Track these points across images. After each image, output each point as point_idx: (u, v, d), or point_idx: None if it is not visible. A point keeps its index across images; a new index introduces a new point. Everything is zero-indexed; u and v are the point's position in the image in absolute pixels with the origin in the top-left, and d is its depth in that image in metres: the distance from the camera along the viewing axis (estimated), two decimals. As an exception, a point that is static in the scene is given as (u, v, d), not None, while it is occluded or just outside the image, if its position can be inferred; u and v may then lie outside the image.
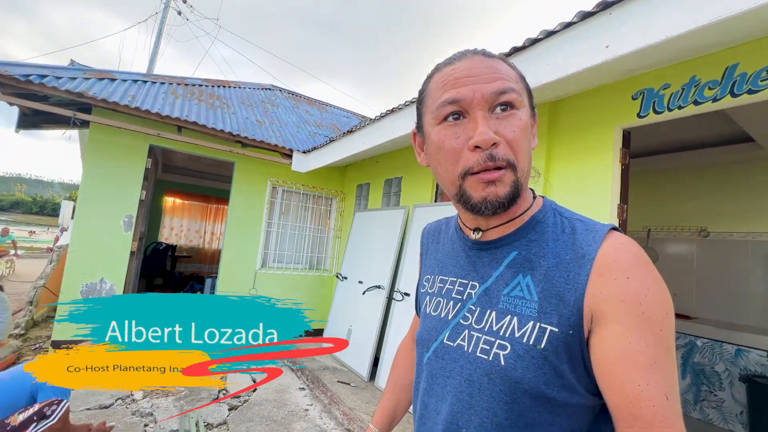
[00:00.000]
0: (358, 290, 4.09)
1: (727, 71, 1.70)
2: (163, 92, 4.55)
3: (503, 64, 0.56)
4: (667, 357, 0.46)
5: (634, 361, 0.46)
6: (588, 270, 0.50)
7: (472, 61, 0.55)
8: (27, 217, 50.99)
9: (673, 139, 3.52)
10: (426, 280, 0.73)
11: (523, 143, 0.53)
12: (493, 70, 0.54)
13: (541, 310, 0.51)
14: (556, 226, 0.56)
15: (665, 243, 4.09)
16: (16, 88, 3.23)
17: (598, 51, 1.58)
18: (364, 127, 3.57)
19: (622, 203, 2.14)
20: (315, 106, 7.50)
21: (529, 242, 0.57)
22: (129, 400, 2.82)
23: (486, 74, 0.53)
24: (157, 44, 9.48)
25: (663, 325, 0.47)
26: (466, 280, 0.62)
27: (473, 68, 0.54)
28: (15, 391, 1.76)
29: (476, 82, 0.52)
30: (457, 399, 0.57)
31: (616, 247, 0.50)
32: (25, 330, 4.22)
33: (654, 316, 0.47)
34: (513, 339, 0.52)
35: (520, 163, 0.53)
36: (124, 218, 3.87)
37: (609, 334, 0.47)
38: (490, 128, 0.51)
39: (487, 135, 0.50)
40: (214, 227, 8.73)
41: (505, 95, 0.52)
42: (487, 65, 0.54)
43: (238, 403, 2.96)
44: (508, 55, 2.00)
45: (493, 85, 0.52)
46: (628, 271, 0.48)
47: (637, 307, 0.47)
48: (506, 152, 0.52)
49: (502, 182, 0.52)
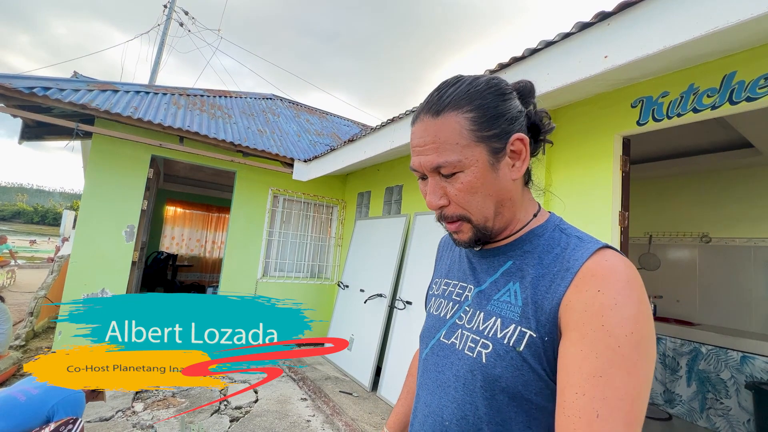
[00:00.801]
0: (359, 299, 4.07)
1: (726, 79, 1.71)
2: (165, 103, 4.59)
3: (449, 122, 0.56)
4: (618, 374, 0.44)
5: (579, 369, 0.46)
6: (568, 282, 0.52)
7: (420, 127, 0.59)
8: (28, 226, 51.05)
9: (673, 146, 3.54)
10: (435, 283, 0.78)
11: (469, 199, 0.58)
12: (433, 140, 0.57)
13: (522, 315, 0.54)
14: (552, 240, 0.59)
15: (667, 249, 4.08)
16: (20, 100, 3.27)
17: (596, 61, 1.59)
18: (364, 136, 3.60)
19: (623, 210, 2.14)
20: (316, 115, 7.55)
21: (524, 253, 0.60)
22: (129, 412, 2.80)
23: (428, 145, 0.57)
24: (159, 55, 9.59)
25: (623, 342, 0.45)
26: (465, 283, 0.67)
27: (420, 138, 0.59)
28: (33, 411, 1.78)
29: (422, 153, 0.58)
30: (444, 393, 0.61)
31: (599, 262, 0.52)
32: (26, 341, 4.20)
33: (615, 331, 0.46)
34: (495, 339, 0.56)
35: (473, 215, 0.59)
36: (125, 228, 3.87)
37: (567, 341, 0.49)
38: (437, 193, 0.59)
39: (431, 203, 0.60)
40: (216, 236, 8.73)
41: (442, 168, 0.57)
42: (430, 134, 0.57)
43: (240, 415, 2.93)
44: (506, 65, 2.02)
45: (430, 158, 0.57)
46: (601, 284, 0.49)
47: (598, 319, 0.47)
48: (455, 210, 0.59)
49: (461, 231, 0.61)
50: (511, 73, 2.01)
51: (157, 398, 3.08)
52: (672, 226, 4.06)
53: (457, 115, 0.56)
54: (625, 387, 0.44)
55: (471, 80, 0.59)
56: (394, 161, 4.25)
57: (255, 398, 3.27)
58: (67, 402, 1.86)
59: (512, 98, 0.60)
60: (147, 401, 3.01)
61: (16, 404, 1.77)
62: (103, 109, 3.50)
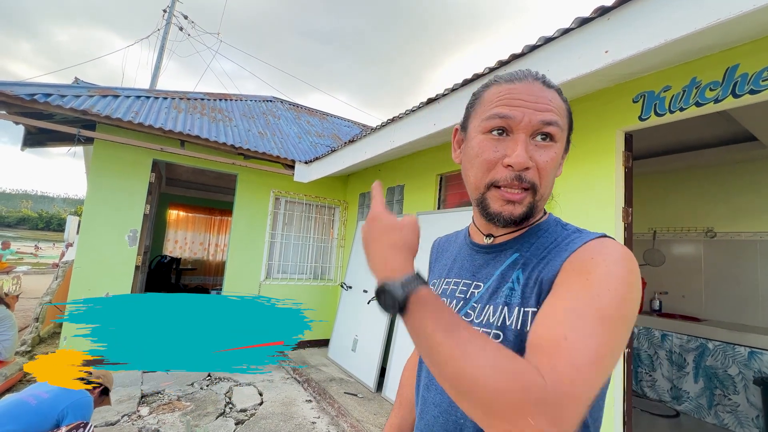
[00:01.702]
0: (363, 299, 4.07)
1: (728, 72, 1.69)
2: (166, 107, 4.61)
3: (558, 97, 0.60)
4: (592, 318, 0.44)
5: (554, 306, 0.48)
6: (564, 257, 0.54)
7: (531, 87, 0.59)
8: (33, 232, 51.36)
9: (676, 141, 3.51)
10: (433, 284, 0.76)
11: (550, 172, 0.59)
12: (547, 101, 0.58)
13: (523, 296, 0.56)
14: (555, 233, 0.61)
15: (672, 244, 4.05)
16: (22, 108, 3.28)
17: (597, 56, 1.58)
18: (365, 136, 3.59)
19: (626, 206, 2.13)
20: (316, 117, 7.56)
21: (530, 245, 0.62)
22: (135, 417, 2.80)
23: (541, 102, 0.57)
24: (159, 60, 9.62)
25: (604, 295, 0.46)
26: (470, 281, 0.66)
27: (531, 93, 0.58)
28: (43, 415, 1.80)
29: (529, 107, 0.57)
30: None
31: (597, 242, 0.54)
32: (32, 347, 4.22)
33: (598, 284, 0.47)
34: (504, 327, 0.56)
35: (541, 189, 0.58)
36: (128, 233, 3.89)
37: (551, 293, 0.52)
38: (528, 153, 0.56)
39: (522, 158, 0.55)
40: (218, 239, 8.76)
41: (550, 127, 0.57)
42: (544, 94, 0.58)
43: (245, 417, 2.93)
44: (506, 62, 2.01)
45: (544, 115, 0.56)
46: (594, 254, 0.51)
47: (584, 274, 0.49)
48: (533, 176, 0.57)
49: (521, 204, 0.58)
50: (510, 70, 2.00)
51: (162, 402, 3.09)
52: (676, 221, 4.03)
53: (560, 98, 0.61)
54: (596, 330, 0.44)
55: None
56: (396, 161, 4.24)
57: (260, 400, 3.27)
58: (77, 406, 1.88)
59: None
60: (152, 405, 3.02)
61: (27, 408, 1.79)
62: (104, 115, 3.51)
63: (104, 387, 2.13)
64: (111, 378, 2.21)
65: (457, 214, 3.14)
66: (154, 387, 3.36)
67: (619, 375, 2.02)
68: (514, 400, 0.38)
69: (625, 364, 2.04)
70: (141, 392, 3.22)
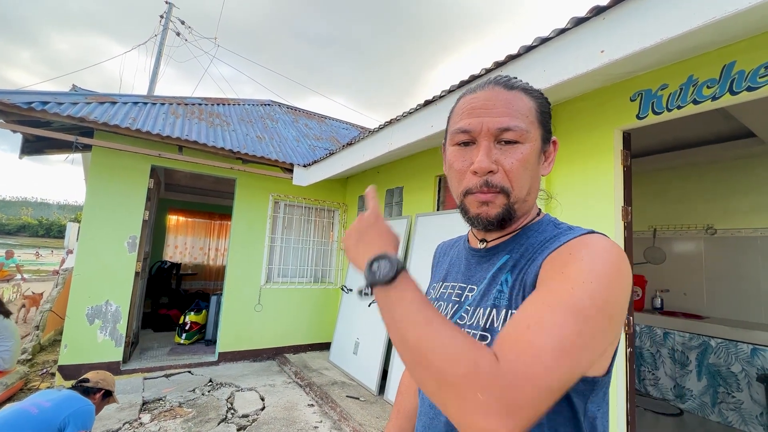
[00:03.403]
0: (363, 302, 4.05)
1: (725, 69, 1.69)
2: (164, 113, 4.61)
3: (521, 97, 0.61)
4: (563, 309, 0.43)
5: (525, 303, 0.49)
6: (546, 255, 0.54)
7: (489, 93, 0.61)
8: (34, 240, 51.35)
9: (674, 138, 3.51)
10: (432, 288, 0.78)
11: (521, 173, 0.59)
12: (505, 105, 0.59)
13: (511, 298, 0.57)
14: (545, 233, 0.61)
15: (672, 242, 4.04)
16: (19, 116, 3.28)
17: (593, 56, 1.57)
18: (363, 139, 3.59)
19: (626, 205, 2.12)
20: (314, 119, 7.56)
21: (520, 246, 0.62)
22: (137, 424, 2.79)
23: (498, 108, 0.59)
24: (156, 66, 9.63)
25: (578, 287, 0.45)
26: (465, 284, 0.68)
27: (488, 100, 0.60)
28: (45, 424, 1.80)
29: (487, 115, 0.59)
30: None
31: (581, 238, 0.54)
32: (32, 355, 4.21)
33: (572, 277, 0.47)
34: (492, 329, 0.57)
35: (514, 191, 0.59)
36: (128, 239, 3.88)
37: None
38: (490, 158, 0.58)
39: (484, 163, 0.57)
40: (218, 244, 8.74)
41: (509, 132, 0.58)
42: (502, 99, 0.60)
43: (247, 423, 2.92)
44: (502, 63, 2.01)
45: (500, 120, 0.58)
46: (573, 249, 0.52)
47: (560, 268, 0.49)
48: (501, 180, 0.58)
49: (493, 204, 0.60)
50: (507, 71, 2.00)
51: (164, 408, 3.08)
52: (676, 218, 4.03)
53: (526, 97, 0.61)
54: (566, 320, 0.42)
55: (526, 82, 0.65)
56: (394, 163, 4.24)
57: (262, 405, 3.26)
58: (78, 415, 1.88)
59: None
60: (154, 412, 3.00)
61: (29, 417, 1.79)
62: (102, 121, 3.51)
63: (105, 390, 2.12)
64: (110, 379, 2.20)
65: (456, 215, 3.12)
66: (155, 393, 3.35)
67: (621, 374, 2.01)
68: (465, 370, 0.39)
69: (627, 363, 2.04)
70: (142, 399, 3.21)
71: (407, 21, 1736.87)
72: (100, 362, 3.60)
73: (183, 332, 4.88)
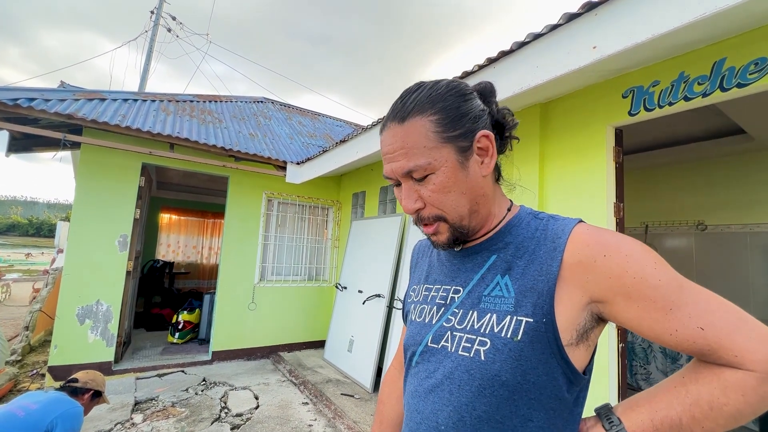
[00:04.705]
0: (358, 300, 4.05)
1: (716, 66, 1.70)
2: (154, 110, 4.54)
3: (415, 126, 0.58)
4: (677, 291, 0.50)
5: (653, 319, 0.51)
6: (559, 260, 0.55)
7: (389, 134, 0.61)
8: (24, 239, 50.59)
9: (666, 135, 3.53)
10: (412, 290, 0.77)
11: (443, 199, 0.59)
12: (402, 145, 0.59)
13: (517, 305, 0.56)
14: (530, 227, 0.61)
15: (663, 238, 4.08)
16: (5, 113, 3.21)
17: (585, 52, 1.57)
18: (356, 136, 3.57)
19: (618, 201, 2.13)
20: (308, 117, 7.51)
21: (506, 245, 0.62)
22: (129, 424, 2.77)
23: (397, 151, 0.59)
24: (147, 62, 9.50)
25: (656, 274, 0.51)
26: (449, 285, 0.66)
27: (390, 144, 0.60)
28: (32, 426, 1.77)
29: (393, 161, 0.60)
30: (437, 397, 0.60)
31: (582, 233, 0.56)
32: (22, 356, 4.15)
33: (645, 273, 0.51)
34: (492, 335, 0.56)
35: (449, 214, 0.60)
36: (118, 238, 3.83)
37: (615, 308, 0.53)
38: (412, 198, 0.60)
39: (407, 207, 0.61)
40: (212, 242, 8.67)
41: (413, 172, 0.59)
42: (399, 138, 0.59)
43: (241, 422, 2.91)
44: (495, 60, 2.00)
45: (402, 165, 0.59)
46: (601, 249, 0.53)
47: (626, 275, 0.51)
48: (430, 212, 0.60)
49: (439, 232, 0.62)
50: (500, 67, 1.99)
51: (156, 409, 3.05)
52: (668, 215, 4.07)
53: (421, 119, 0.58)
54: (690, 296, 0.50)
55: (432, 85, 0.61)
56: (388, 160, 4.22)
57: (256, 404, 3.25)
58: (66, 417, 1.85)
59: (473, 98, 0.62)
60: (146, 412, 2.98)
61: (15, 420, 1.76)
62: (90, 118, 3.45)
63: (94, 391, 2.10)
64: (100, 380, 2.17)
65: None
66: (147, 394, 3.32)
67: (613, 368, 2.02)
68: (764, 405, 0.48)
69: (619, 358, 2.05)
70: (134, 399, 3.18)
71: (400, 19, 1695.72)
72: (91, 363, 3.56)
73: (176, 331, 4.84)
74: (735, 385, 0.47)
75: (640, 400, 0.55)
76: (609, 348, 2.02)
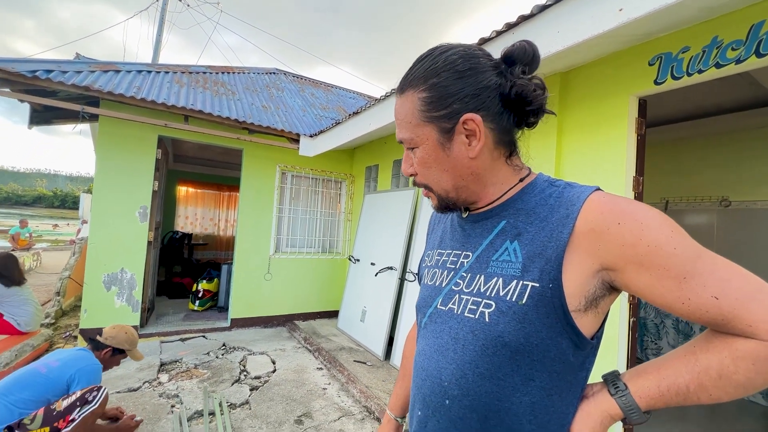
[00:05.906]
0: (370, 272, 4.12)
1: (753, 30, 1.59)
2: (168, 81, 4.55)
3: (407, 100, 0.63)
4: (692, 264, 0.50)
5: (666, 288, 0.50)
6: (571, 227, 0.54)
7: (396, 103, 0.66)
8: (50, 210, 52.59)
9: (691, 106, 3.37)
10: (427, 256, 0.79)
11: (426, 172, 0.65)
12: (400, 117, 0.64)
13: (524, 269, 0.56)
14: (543, 193, 0.61)
15: (684, 214, 3.97)
16: (24, 85, 3.27)
17: (610, 15, 1.49)
18: (369, 107, 3.51)
19: (638, 175, 2.07)
20: (320, 89, 7.40)
21: (517, 211, 0.62)
22: (156, 383, 2.95)
23: (397, 120, 0.65)
24: (159, 33, 9.42)
25: (671, 242, 0.50)
26: (459, 250, 0.68)
27: (396, 112, 0.66)
28: (53, 382, 1.96)
29: (397, 128, 0.66)
30: (442, 356, 0.62)
31: (598, 202, 0.55)
32: (55, 319, 4.42)
33: (659, 241, 0.50)
34: (498, 297, 0.57)
35: (433, 185, 0.65)
36: (139, 209, 3.95)
37: (628, 276, 0.52)
38: (408, 163, 0.67)
39: (403, 170, 0.68)
40: (228, 214, 8.85)
41: (405, 143, 0.65)
42: (399, 111, 0.65)
43: (259, 384, 3.07)
44: (514, 25, 1.91)
45: (398, 134, 0.65)
46: (615, 217, 0.52)
47: (640, 244, 0.51)
48: (420, 179, 0.67)
49: (432, 197, 0.68)
50: (519, 33, 1.90)
51: (180, 370, 3.24)
52: (689, 190, 3.93)
53: (413, 95, 0.62)
54: (707, 265, 0.50)
55: (437, 54, 0.61)
56: (401, 133, 4.16)
57: (273, 368, 3.41)
58: (84, 372, 2.03)
59: (473, 74, 0.59)
60: (171, 372, 3.17)
61: (38, 376, 1.96)
62: (107, 90, 3.49)
63: (113, 348, 2.24)
64: (122, 338, 2.27)
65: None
66: (172, 356, 3.52)
67: (623, 343, 2.04)
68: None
69: (629, 333, 2.06)
70: (160, 360, 3.38)
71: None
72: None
73: (196, 299, 5.05)
74: (746, 355, 0.47)
75: (648, 368, 0.55)
76: (620, 322, 2.03)
